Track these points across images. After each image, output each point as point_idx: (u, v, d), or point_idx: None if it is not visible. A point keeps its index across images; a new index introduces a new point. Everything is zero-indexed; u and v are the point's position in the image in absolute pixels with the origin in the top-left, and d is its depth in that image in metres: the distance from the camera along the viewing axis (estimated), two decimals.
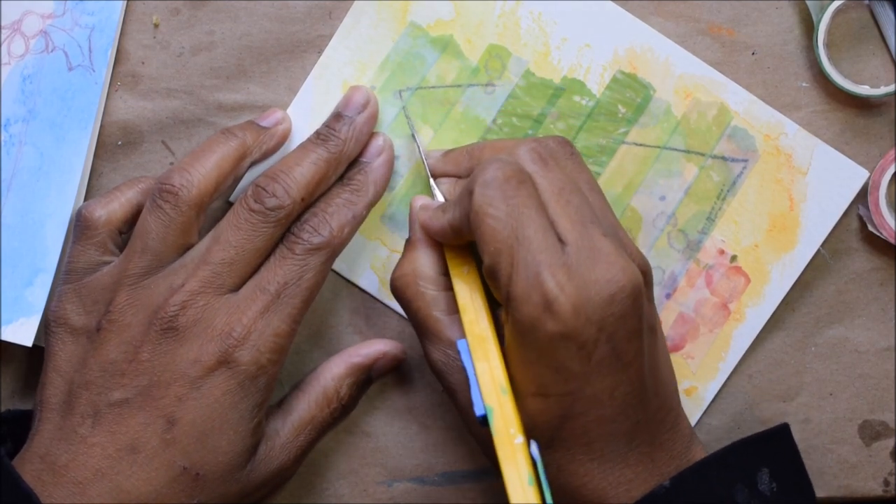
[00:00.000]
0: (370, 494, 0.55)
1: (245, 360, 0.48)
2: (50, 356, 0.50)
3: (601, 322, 0.44)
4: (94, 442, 0.48)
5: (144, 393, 0.48)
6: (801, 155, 0.55)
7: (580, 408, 0.46)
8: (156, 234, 0.49)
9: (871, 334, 0.56)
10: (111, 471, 0.47)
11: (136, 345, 0.48)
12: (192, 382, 0.48)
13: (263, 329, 0.48)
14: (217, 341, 0.48)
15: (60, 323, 0.50)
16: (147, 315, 0.49)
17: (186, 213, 0.49)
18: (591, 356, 0.45)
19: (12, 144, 0.53)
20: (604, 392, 0.45)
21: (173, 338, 0.48)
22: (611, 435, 0.46)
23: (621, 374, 0.45)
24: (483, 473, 0.56)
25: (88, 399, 0.48)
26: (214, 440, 0.48)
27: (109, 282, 0.50)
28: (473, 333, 0.47)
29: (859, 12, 0.56)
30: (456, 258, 0.49)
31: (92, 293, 0.50)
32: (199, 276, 0.49)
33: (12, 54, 0.54)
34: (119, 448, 0.48)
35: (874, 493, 0.56)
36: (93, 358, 0.49)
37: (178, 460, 0.48)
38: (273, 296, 0.49)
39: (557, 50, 0.55)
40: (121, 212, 0.51)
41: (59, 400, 0.49)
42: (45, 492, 0.47)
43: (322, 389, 0.52)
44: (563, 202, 0.46)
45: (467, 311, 0.48)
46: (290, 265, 0.49)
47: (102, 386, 0.48)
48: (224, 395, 0.48)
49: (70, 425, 0.48)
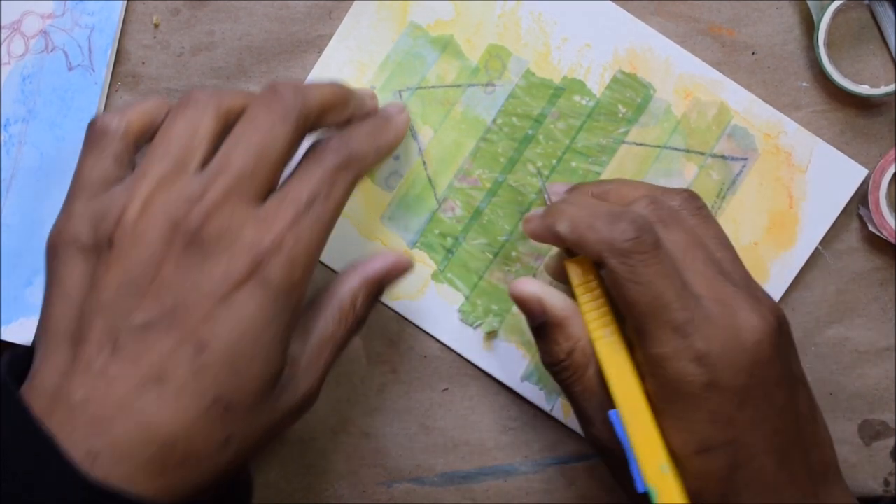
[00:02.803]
0: (370, 495, 0.56)
1: (277, 275, 0.44)
2: (55, 282, 0.45)
3: (750, 369, 0.44)
4: (115, 373, 0.42)
5: (169, 315, 0.43)
6: (801, 153, 0.55)
7: (744, 457, 0.45)
8: (181, 136, 0.45)
9: (871, 334, 0.56)
10: (136, 405, 0.42)
11: (157, 261, 0.43)
12: (221, 300, 0.43)
13: (295, 242, 0.44)
14: (246, 255, 0.44)
15: (69, 242, 0.45)
16: (167, 229, 0.44)
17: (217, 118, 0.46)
18: (746, 403, 0.44)
19: (12, 144, 0.53)
20: (763, 439, 0.45)
21: (198, 252, 0.43)
22: (776, 487, 0.45)
23: (777, 421, 0.45)
24: (482, 474, 0.56)
25: (105, 324, 0.43)
26: (246, 365, 0.43)
27: (124, 195, 0.44)
28: (625, 405, 0.46)
29: (859, 12, 0.56)
30: (595, 320, 0.47)
31: (105, 210, 0.45)
32: (220, 184, 0.44)
33: (12, 54, 0.54)
34: (144, 378, 0.42)
35: (874, 493, 0.56)
36: (107, 278, 0.43)
37: (210, 389, 0.43)
38: (302, 208, 0.45)
39: (558, 50, 0.55)
40: (138, 123, 0.47)
41: (68, 328, 0.44)
42: (62, 434, 0.42)
43: (339, 305, 0.49)
44: (690, 259, 0.46)
45: (613, 380, 0.46)
46: (318, 178, 0.46)
47: (120, 309, 0.43)
48: (257, 313, 0.43)
49: (84, 356, 0.43)
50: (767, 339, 0.45)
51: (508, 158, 0.55)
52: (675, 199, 0.49)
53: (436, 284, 0.55)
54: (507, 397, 0.56)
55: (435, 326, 0.55)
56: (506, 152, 0.55)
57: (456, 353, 0.55)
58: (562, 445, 0.56)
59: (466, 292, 0.55)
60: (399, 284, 0.53)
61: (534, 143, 0.55)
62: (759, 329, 0.45)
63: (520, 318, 0.55)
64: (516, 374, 0.55)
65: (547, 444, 0.56)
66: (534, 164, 0.55)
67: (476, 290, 0.55)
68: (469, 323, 0.55)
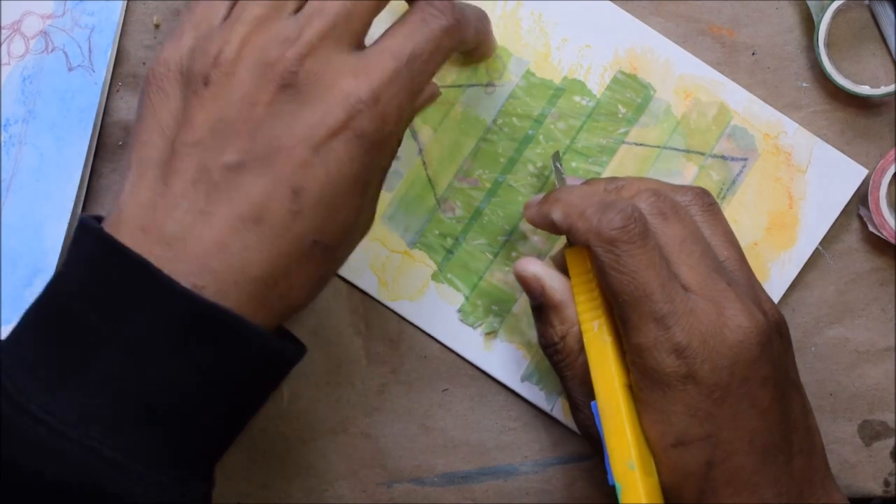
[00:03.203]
0: (370, 496, 0.56)
1: (372, 127, 0.43)
2: (150, 112, 0.44)
3: (731, 367, 0.44)
4: (211, 210, 0.42)
5: (263, 158, 0.43)
6: (801, 153, 0.55)
7: (721, 454, 0.45)
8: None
9: (871, 334, 0.56)
10: (235, 243, 0.42)
11: (251, 102, 0.43)
12: (315, 147, 0.43)
13: (391, 97, 0.44)
14: (342, 104, 0.43)
15: (169, 74, 0.44)
16: (261, 70, 0.43)
17: None
18: (725, 399, 0.44)
19: (12, 145, 0.53)
20: (742, 438, 0.45)
21: (293, 96, 0.43)
22: (755, 487, 0.45)
23: (759, 422, 0.45)
24: (483, 474, 0.56)
25: (198, 160, 0.43)
26: (341, 212, 0.44)
27: (221, 36, 0.44)
28: (602, 398, 0.47)
29: (859, 12, 0.56)
30: (586, 311, 0.48)
31: (204, 49, 0.44)
32: (316, 26, 0.43)
33: (12, 54, 0.54)
34: (241, 217, 0.42)
35: (874, 493, 0.56)
36: (200, 117, 0.43)
37: (308, 233, 0.43)
38: (403, 64, 0.44)
39: (558, 50, 0.55)
40: None
41: (160, 159, 0.43)
42: (164, 267, 0.41)
43: None
44: (685, 253, 0.46)
45: (596, 373, 0.47)
46: (423, 37, 0.45)
47: (213, 147, 0.43)
48: (351, 163, 0.43)
49: (175, 191, 0.43)
50: (753, 340, 0.45)
51: (508, 159, 0.55)
52: (685, 195, 0.49)
53: (436, 285, 0.55)
54: (507, 398, 0.56)
55: (435, 327, 0.55)
56: (506, 152, 0.55)
57: (456, 353, 0.55)
58: (562, 445, 0.56)
59: (466, 293, 0.55)
60: None
61: (534, 144, 0.55)
62: (745, 328, 0.45)
63: (520, 319, 0.55)
64: (516, 374, 0.55)
65: (547, 444, 0.56)
66: (534, 164, 0.55)
67: (476, 291, 0.55)
68: (469, 323, 0.55)
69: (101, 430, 0.40)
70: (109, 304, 0.41)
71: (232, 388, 0.43)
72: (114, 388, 0.41)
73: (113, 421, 0.41)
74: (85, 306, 0.42)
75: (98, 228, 0.43)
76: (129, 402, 0.41)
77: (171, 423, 0.42)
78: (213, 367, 0.42)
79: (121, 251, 0.42)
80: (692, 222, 0.47)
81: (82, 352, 0.41)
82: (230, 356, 0.42)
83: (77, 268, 0.43)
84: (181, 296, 0.41)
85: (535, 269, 0.49)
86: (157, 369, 0.41)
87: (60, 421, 0.40)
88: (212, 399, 0.43)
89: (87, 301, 0.42)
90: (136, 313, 0.41)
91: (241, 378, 0.43)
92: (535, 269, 0.49)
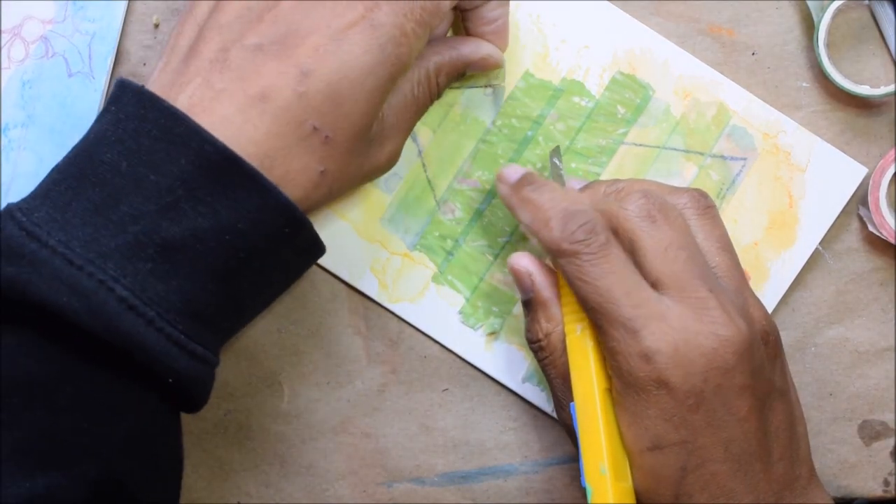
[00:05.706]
0: (370, 495, 0.56)
1: (390, 22, 0.45)
2: (188, 8, 0.48)
3: (704, 374, 0.45)
4: (221, 87, 0.44)
5: (280, 41, 0.45)
6: (800, 152, 0.55)
7: (696, 460, 0.45)
8: None
9: (871, 334, 0.56)
10: (239, 118, 0.44)
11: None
12: (331, 35, 0.45)
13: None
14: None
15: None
16: None
17: None
18: (700, 406, 0.45)
19: (11, 149, 0.54)
20: (717, 445, 0.45)
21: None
22: (731, 493, 0.46)
23: (734, 430, 0.45)
24: (483, 474, 0.56)
25: (219, 41, 0.45)
26: (346, 104, 0.45)
27: None
28: (580, 401, 0.47)
29: (859, 12, 0.55)
30: (571, 314, 0.48)
31: None
32: None
33: (12, 59, 0.54)
34: (248, 95, 0.44)
35: (874, 493, 0.56)
36: (229, 3, 0.46)
37: (311, 117, 0.45)
38: None
39: (556, 51, 0.55)
40: None
41: (187, 46, 0.46)
42: None
43: (425, 72, 0.50)
44: (668, 258, 0.46)
45: (575, 375, 0.47)
46: None
47: (236, 30, 0.45)
48: (363, 55, 0.45)
49: (193, 67, 0.45)
50: (730, 348, 0.45)
51: (508, 160, 0.55)
52: (681, 197, 0.49)
53: (436, 286, 0.55)
54: (508, 398, 0.56)
55: (435, 329, 0.55)
56: (506, 154, 0.55)
57: (457, 355, 0.55)
58: (562, 445, 0.56)
59: (467, 294, 0.55)
60: None
61: (533, 145, 0.55)
62: (720, 336, 0.45)
63: (521, 320, 0.55)
64: (517, 375, 0.55)
65: (547, 444, 0.56)
66: (534, 165, 0.55)
67: (476, 292, 0.55)
68: (470, 325, 0.55)
69: (116, 269, 0.42)
70: (140, 152, 0.43)
71: (249, 243, 0.44)
72: (135, 230, 0.42)
73: (130, 262, 0.42)
74: (116, 155, 0.43)
75: (135, 84, 0.44)
76: (148, 246, 0.42)
77: (186, 271, 0.43)
78: (231, 218, 0.43)
79: (154, 102, 0.44)
80: (683, 226, 0.47)
81: (109, 194, 0.43)
82: (249, 207, 0.43)
83: (112, 121, 0.44)
84: (210, 143, 0.43)
85: (527, 263, 0.50)
86: (179, 215, 0.43)
87: (79, 255, 0.41)
88: (228, 252, 0.43)
89: (118, 149, 0.43)
90: (165, 160, 0.43)
91: (259, 234, 0.44)
92: (526, 264, 0.50)
